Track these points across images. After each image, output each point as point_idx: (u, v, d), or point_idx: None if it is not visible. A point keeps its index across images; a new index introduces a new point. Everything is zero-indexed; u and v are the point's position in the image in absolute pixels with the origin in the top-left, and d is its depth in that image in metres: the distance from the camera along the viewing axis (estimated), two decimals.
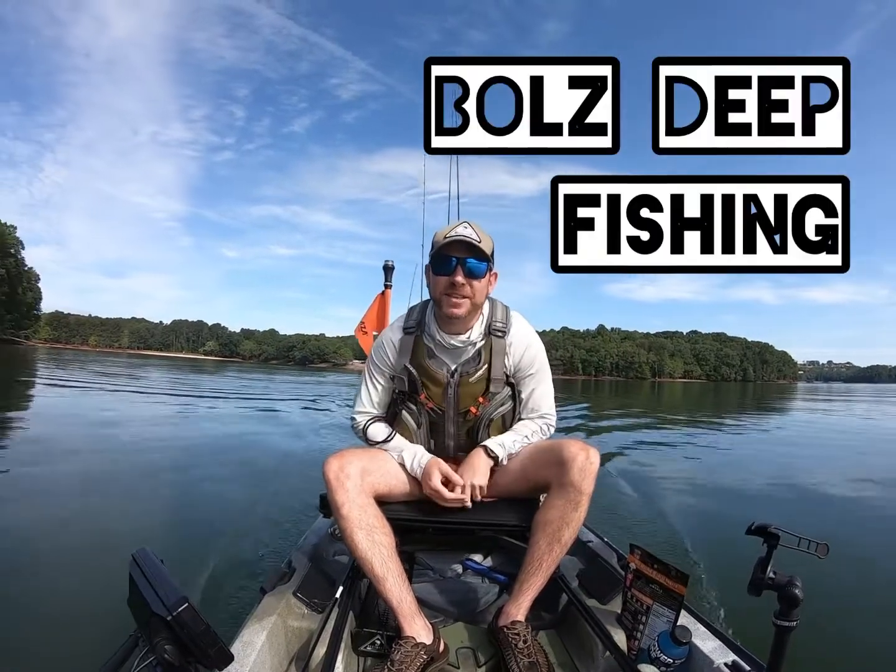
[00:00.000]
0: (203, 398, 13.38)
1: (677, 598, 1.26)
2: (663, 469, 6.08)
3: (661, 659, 1.20)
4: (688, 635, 1.20)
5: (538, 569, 1.38)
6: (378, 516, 1.40)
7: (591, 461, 1.38)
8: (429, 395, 1.58)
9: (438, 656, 1.32)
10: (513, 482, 1.58)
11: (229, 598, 2.30)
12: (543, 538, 1.39)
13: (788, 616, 0.94)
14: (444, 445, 1.64)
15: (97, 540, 3.03)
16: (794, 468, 6.40)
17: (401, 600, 1.32)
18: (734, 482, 5.45)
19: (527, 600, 1.38)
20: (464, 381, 1.56)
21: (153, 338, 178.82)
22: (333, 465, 1.40)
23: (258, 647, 1.17)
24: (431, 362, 1.58)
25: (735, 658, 1.15)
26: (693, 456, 7.33)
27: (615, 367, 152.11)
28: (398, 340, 1.62)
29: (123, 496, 4.07)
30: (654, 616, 1.30)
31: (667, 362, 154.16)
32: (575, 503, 1.38)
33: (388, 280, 2.91)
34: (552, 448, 1.47)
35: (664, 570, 1.31)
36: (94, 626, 1.94)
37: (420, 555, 1.75)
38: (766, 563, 0.98)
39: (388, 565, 1.34)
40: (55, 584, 2.47)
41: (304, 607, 1.41)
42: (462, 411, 1.59)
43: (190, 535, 3.22)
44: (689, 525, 3.62)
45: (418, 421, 1.62)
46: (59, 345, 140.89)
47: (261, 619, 1.29)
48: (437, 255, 1.49)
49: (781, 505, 4.58)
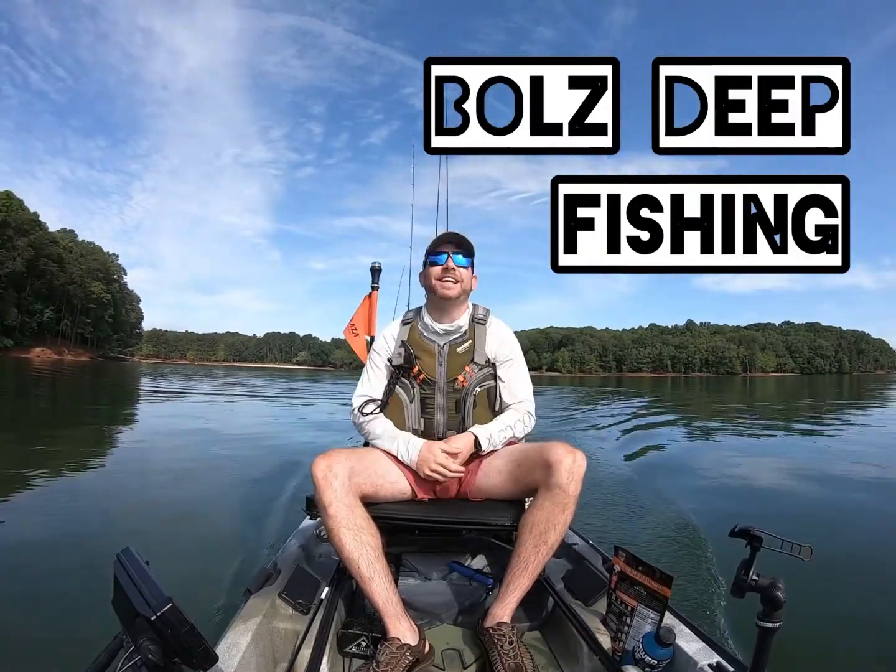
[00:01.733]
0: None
1: (662, 599, 1.27)
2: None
3: (646, 660, 1.21)
4: (672, 637, 1.21)
5: (524, 570, 1.39)
6: (365, 517, 1.41)
7: (578, 464, 1.40)
8: (421, 367, 1.70)
9: (424, 657, 1.33)
10: (500, 484, 1.58)
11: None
12: (530, 540, 1.40)
13: (771, 617, 0.95)
14: (433, 420, 1.68)
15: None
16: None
17: (387, 601, 1.33)
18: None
19: (512, 602, 1.39)
20: (452, 350, 1.72)
21: (247, 350, 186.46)
22: (321, 464, 1.39)
23: (243, 648, 1.16)
24: (424, 340, 1.75)
25: (719, 659, 1.17)
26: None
27: (705, 363, 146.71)
28: (397, 330, 1.81)
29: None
30: (639, 617, 1.31)
31: (758, 356, 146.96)
32: (562, 505, 1.39)
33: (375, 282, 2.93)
34: (540, 450, 1.48)
35: (649, 572, 1.32)
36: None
37: (406, 556, 1.75)
38: (749, 565, 0.99)
39: (374, 566, 1.34)
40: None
41: (290, 608, 1.40)
42: (450, 379, 1.69)
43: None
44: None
45: (411, 395, 1.70)
46: (158, 360, 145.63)
47: (246, 621, 1.28)
48: (431, 252, 1.72)
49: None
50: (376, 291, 2.96)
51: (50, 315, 77.13)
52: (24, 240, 67.06)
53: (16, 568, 2.72)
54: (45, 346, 77.06)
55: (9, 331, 68.61)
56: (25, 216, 68.88)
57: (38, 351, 74.17)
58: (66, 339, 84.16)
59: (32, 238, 68.57)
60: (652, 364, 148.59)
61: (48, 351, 76.04)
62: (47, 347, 77.07)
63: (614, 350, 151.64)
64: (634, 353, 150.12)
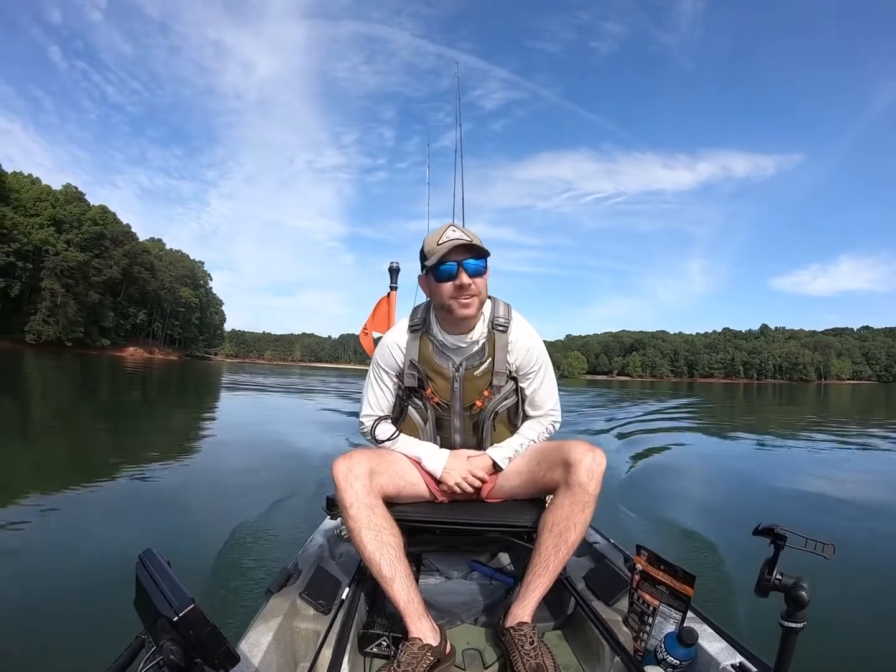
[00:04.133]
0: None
1: (684, 599, 1.26)
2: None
3: (668, 660, 1.19)
4: (694, 636, 1.19)
5: (545, 570, 1.38)
6: (386, 517, 1.41)
7: (598, 462, 1.39)
8: (435, 390, 1.59)
9: (445, 658, 1.32)
10: (519, 483, 1.58)
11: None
12: (550, 539, 1.39)
13: (795, 617, 0.93)
14: (450, 441, 1.66)
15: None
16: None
17: (408, 601, 1.33)
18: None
19: (533, 601, 1.38)
20: (468, 374, 1.57)
21: (323, 351, 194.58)
22: (342, 465, 1.40)
23: (264, 648, 1.17)
24: (437, 358, 1.59)
25: (742, 659, 1.14)
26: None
27: (778, 370, 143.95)
28: (404, 340, 1.62)
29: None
30: (661, 617, 1.29)
31: (833, 363, 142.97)
32: (582, 504, 1.38)
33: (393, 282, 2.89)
34: (559, 449, 1.47)
35: (671, 571, 1.30)
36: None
37: (427, 556, 1.75)
38: (772, 564, 0.97)
39: (395, 566, 1.34)
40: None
41: (311, 608, 1.41)
42: (467, 405, 1.60)
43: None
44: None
45: (424, 416, 1.63)
46: (237, 359, 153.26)
47: (267, 621, 1.29)
48: (437, 265, 1.45)
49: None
50: (395, 292, 2.92)
51: (142, 318, 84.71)
52: (120, 250, 73.80)
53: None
54: (138, 346, 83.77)
55: (106, 331, 75.32)
56: (120, 228, 75.82)
57: (131, 350, 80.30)
58: (157, 340, 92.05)
59: (127, 248, 75.48)
60: (724, 369, 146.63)
61: (140, 350, 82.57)
62: (140, 347, 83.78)
63: (686, 355, 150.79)
64: (706, 359, 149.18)
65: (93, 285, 69.39)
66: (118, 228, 74.72)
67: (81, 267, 66.75)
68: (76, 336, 67.62)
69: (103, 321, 73.45)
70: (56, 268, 64.01)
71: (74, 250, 66.46)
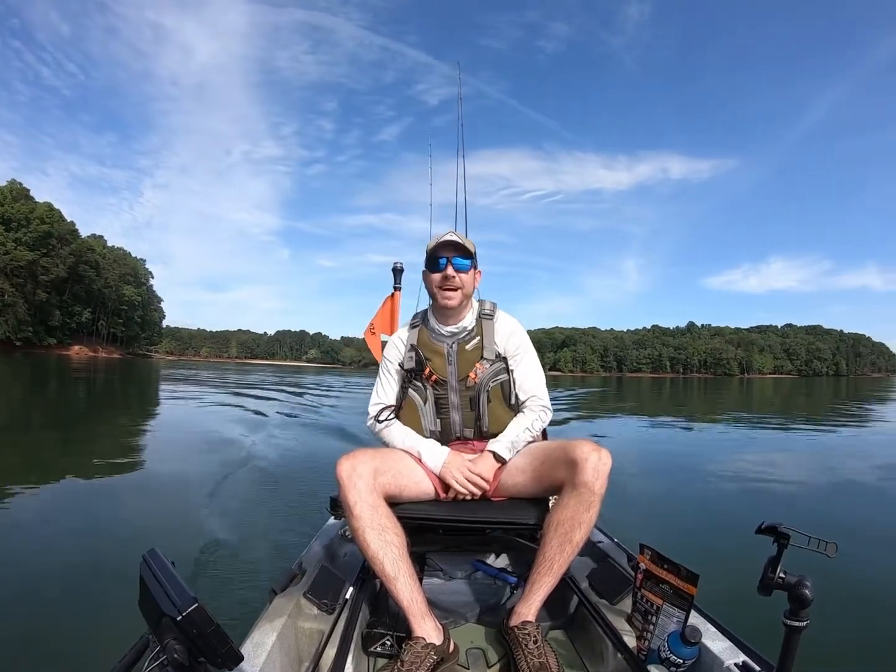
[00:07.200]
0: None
1: (687, 598, 1.25)
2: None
3: (671, 659, 1.19)
4: (698, 636, 1.18)
5: (549, 569, 1.38)
6: (389, 516, 1.41)
7: (603, 462, 1.39)
8: (433, 368, 1.71)
9: (448, 657, 1.33)
10: (524, 482, 1.58)
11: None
12: (555, 538, 1.39)
13: (798, 616, 0.93)
14: (449, 421, 1.71)
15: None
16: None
17: (411, 600, 1.33)
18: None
19: (537, 601, 1.38)
20: (461, 348, 1.73)
21: (259, 347, 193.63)
22: (345, 465, 1.41)
23: (268, 647, 1.18)
24: (433, 340, 1.76)
25: (745, 658, 1.14)
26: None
27: (703, 364, 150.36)
28: (406, 335, 1.83)
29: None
30: (664, 616, 1.28)
31: (755, 358, 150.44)
32: (587, 504, 1.38)
33: (397, 282, 2.93)
34: (564, 448, 1.47)
35: (674, 569, 1.30)
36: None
37: (431, 556, 1.75)
38: (776, 562, 0.97)
39: (399, 565, 1.35)
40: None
41: (315, 608, 1.42)
42: (462, 378, 1.70)
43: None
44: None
45: (424, 396, 1.72)
46: (173, 356, 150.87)
47: (271, 620, 1.29)
48: (430, 258, 1.71)
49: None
50: (398, 292, 2.96)
51: (87, 316, 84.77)
52: (66, 248, 73.74)
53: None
54: (83, 345, 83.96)
55: (52, 330, 75.73)
56: (66, 226, 75.54)
57: (76, 349, 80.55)
58: (100, 338, 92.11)
59: (73, 247, 75.43)
60: (651, 364, 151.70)
61: (85, 349, 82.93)
62: (84, 346, 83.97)
63: (615, 351, 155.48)
64: (635, 354, 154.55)
65: (40, 284, 69.61)
66: (64, 227, 74.64)
67: (30, 266, 67.11)
68: (25, 335, 68.21)
69: (50, 320, 73.80)
70: (6, 267, 64.15)
71: (23, 249, 66.56)
